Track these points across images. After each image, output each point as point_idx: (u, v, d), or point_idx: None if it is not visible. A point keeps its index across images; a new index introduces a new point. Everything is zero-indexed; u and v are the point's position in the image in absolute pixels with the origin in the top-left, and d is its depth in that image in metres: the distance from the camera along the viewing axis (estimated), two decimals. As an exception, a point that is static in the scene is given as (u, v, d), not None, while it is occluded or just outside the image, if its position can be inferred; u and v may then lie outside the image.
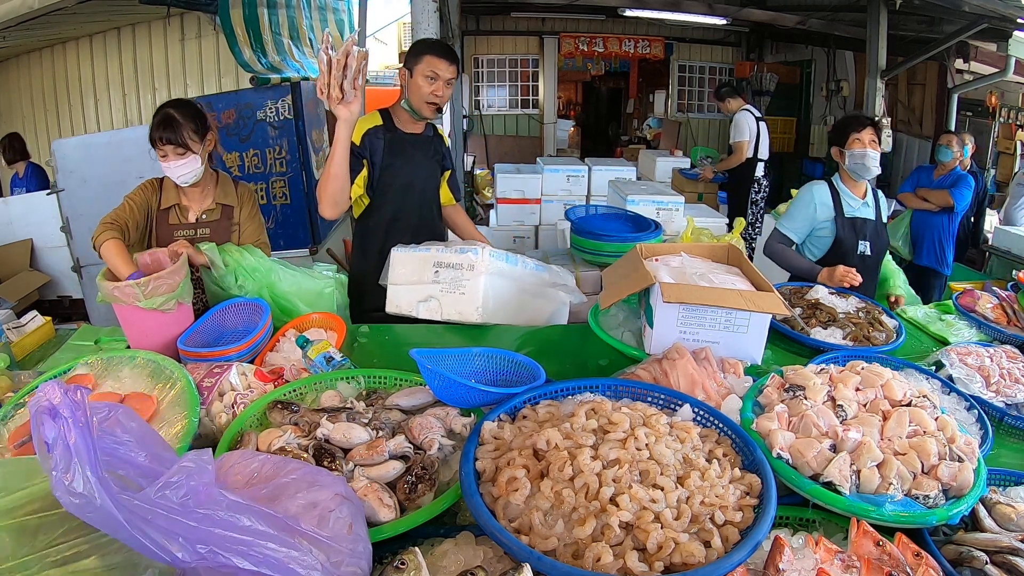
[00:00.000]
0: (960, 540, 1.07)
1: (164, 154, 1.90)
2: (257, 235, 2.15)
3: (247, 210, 2.14)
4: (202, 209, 2.06)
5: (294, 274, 1.98)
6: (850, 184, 2.38)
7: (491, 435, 1.17)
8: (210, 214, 2.07)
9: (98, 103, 4.94)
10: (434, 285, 1.90)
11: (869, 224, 2.37)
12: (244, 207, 2.13)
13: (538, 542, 0.93)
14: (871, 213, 2.39)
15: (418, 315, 1.92)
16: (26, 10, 3.28)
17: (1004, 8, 4.20)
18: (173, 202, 2.02)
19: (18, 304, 3.89)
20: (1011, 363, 1.69)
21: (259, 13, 4.07)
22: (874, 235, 2.37)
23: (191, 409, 1.28)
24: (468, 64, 8.70)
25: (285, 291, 1.94)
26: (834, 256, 2.37)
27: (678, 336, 1.57)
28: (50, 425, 0.68)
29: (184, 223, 2.05)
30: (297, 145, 3.96)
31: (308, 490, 0.89)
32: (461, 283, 1.88)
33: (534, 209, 4.92)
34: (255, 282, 1.92)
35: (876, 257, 2.38)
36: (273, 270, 1.95)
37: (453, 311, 1.88)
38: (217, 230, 2.07)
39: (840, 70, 7.62)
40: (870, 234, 2.36)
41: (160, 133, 1.89)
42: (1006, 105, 5.79)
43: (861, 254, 2.35)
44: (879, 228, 2.39)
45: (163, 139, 1.89)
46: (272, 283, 1.93)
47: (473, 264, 1.87)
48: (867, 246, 2.35)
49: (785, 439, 1.15)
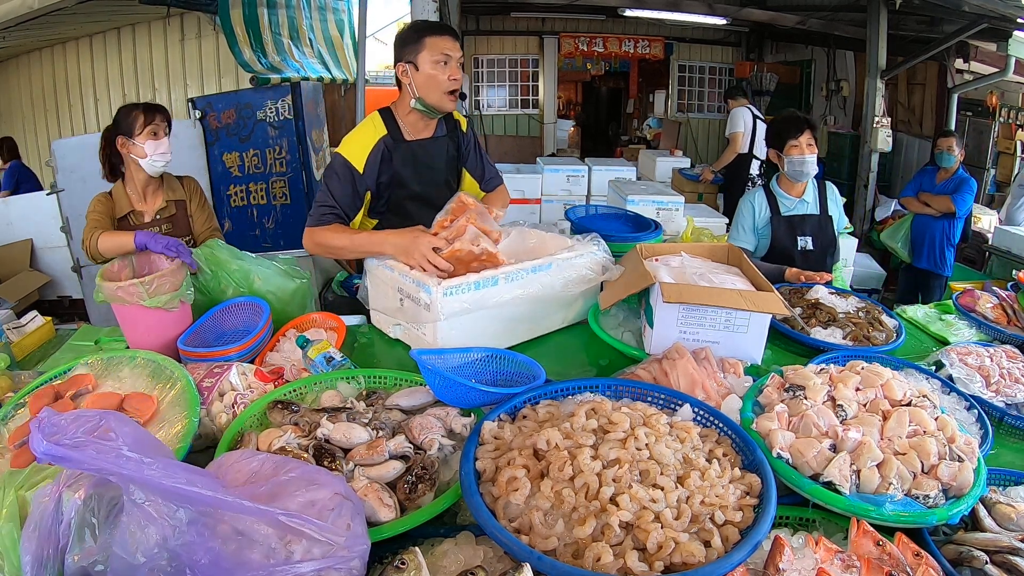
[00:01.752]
0: (960, 540, 1.07)
1: (156, 131, 1.96)
2: (209, 223, 2.22)
3: (197, 200, 2.20)
4: (155, 209, 2.11)
5: (268, 271, 1.99)
6: (787, 186, 2.44)
7: (491, 435, 1.17)
8: (164, 212, 2.11)
9: (98, 103, 4.94)
10: (400, 313, 1.69)
11: (810, 219, 2.42)
12: (194, 198, 2.20)
13: (538, 542, 0.93)
14: (812, 208, 2.43)
15: (394, 336, 1.77)
16: (26, 10, 3.29)
17: (1004, 8, 4.20)
18: (127, 210, 2.07)
19: (18, 304, 3.89)
20: (1011, 363, 1.69)
21: (259, 13, 4.08)
22: (816, 229, 2.41)
23: (191, 409, 1.28)
24: (468, 64, 8.69)
25: (263, 291, 1.95)
26: (775, 254, 2.43)
27: (678, 336, 1.57)
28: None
29: (143, 224, 2.09)
30: (297, 145, 3.96)
31: (307, 489, 0.89)
32: (420, 322, 1.59)
33: (534, 209, 4.92)
34: (235, 284, 1.93)
35: (820, 251, 2.43)
36: (252, 270, 1.96)
37: (421, 346, 1.63)
38: (176, 224, 2.13)
39: (840, 70, 7.62)
40: (811, 229, 2.41)
41: (153, 113, 1.97)
42: (1006, 105, 5.79)
43: (802, 249, 2.41)
44: (823, 222, 2.43)
45: (161, 116, 1.98)
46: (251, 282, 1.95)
47: (428, 304, 1.55)
48: (808, 240, 2.40)
49: (785, 439, 1.15)
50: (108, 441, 0.78)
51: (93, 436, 0.78)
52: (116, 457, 0.75)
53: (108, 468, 0.74)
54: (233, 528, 0.78)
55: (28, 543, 0.83)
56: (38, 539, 0.83)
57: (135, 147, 1.94)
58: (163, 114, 1.99)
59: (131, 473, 0.75)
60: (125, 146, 1.96)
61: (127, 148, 1.96)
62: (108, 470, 0.74)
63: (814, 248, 2.41)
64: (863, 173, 5.51)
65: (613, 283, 1.79)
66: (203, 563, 0.75)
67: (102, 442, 0.77)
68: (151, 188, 2.08)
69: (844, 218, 2.53)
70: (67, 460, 0.74)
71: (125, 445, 0.79)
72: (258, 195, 4.02)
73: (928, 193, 4.07)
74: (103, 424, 0.81)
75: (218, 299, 1.90)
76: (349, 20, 5.58)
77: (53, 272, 4.54)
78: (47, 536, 0.83)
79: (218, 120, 3.85)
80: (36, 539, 0.83)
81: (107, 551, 0.80)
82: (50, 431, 0.75)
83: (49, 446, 0.73)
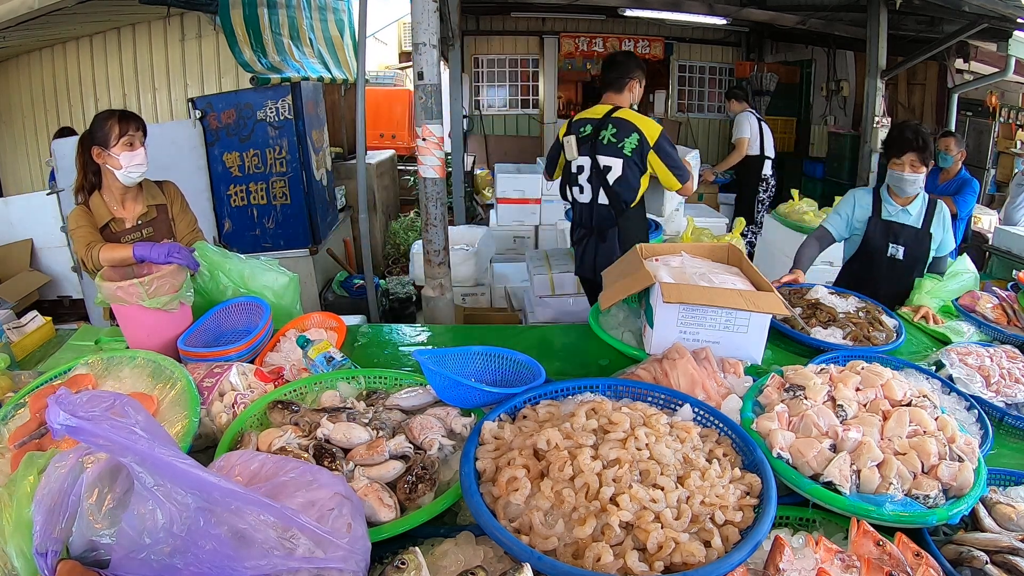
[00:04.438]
0: (960, 540, 1.07)
1: (132, 142, 1.94)
2: (192, 226, 2.21)
3: (178, 204, 2.19)
4: (136, 215, 2.09)
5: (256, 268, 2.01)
6: (893, 193, 2.37)
7: (491, 435, 1.17)
8: (145, 217, 2.10)
9: (98, 103, 4.93)
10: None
11: (907, 230, 2.34)
12: (175, 203, 2.18)
13: (538, 542, 0.93)
14: (913, 221, 2.35)
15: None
16: (26, 10, 3.28)
17: (1004, 8, 4.19)
18: (107, 219, 2.04)
19: (18, 304, 3.89)
20: (1011, 363, 1.69)
21: (259, 13, 4.07)
22: (911, 241, 2.34)
23: (191, 409, 1.28)
24: (468, 64, 8.69)
25: (259, 288, 1.98)
26: (864, 254, 2.41)
27: (678, 336, 1.57)
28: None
29: (126, 229, 2.07)
30: (297, 145, 3.95)
31: (307, 489, 0.89)
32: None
33: (534, 209, 4.92)
34: (234, 283, 1.95)
35: (909, 263, 2.36)
36: (243, 268, 1.98)
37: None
38: (158, 228, 2.12)
39: (840, 70, 7.62)
40: (905, 239, 2.34)
41: (128, 123, 1.94)
42: (1006, 105, 5.79)
43: (891, 256, 2.35)
44: (920, 236, 2.34)
45: (135, 126, 1.95)
46: (246, 280, 1.97)
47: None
48: (900, 250, 2.35)
49: (785, 439, 1.15)
50: (123, 419, 0.79)
51: (109, 413, 0.79)
52: (129, 434, 0.76)
53: (122, 443, 0.75)
54: (237, 520, 0.79)
55: (40, 503, 0.85)
56: (50, 501, 0.85)
57: (110, 158, 1.91)
58: (137, 123, 1.96)
59: (144, 451, 0.76)
60: (101, 156, 1.93)
61: (103, 158, 1.93)
62: (122, 444, 0.75)
63: (904, 259, 2.35)
64: (863, 173, 5.50)
65: (613, 283, 1.79)
66: (207, 549, 0.76)
67: (117, 419, 0.78)
68: (130, 195, 2.06)
69: (950, 243, 2.39)
70: (83, 432, 0.74)
71: (138, 426, 0.80)
72: (258, 195, 4.02)
73: (930, 194, 4.04)
74: (117, 405, 0.82)
75: (217, 299, 1.90)
76: (349, 20, 5.57)
77: (53, 272, 4.53)
78: (60, 499, 0.85)
79: (218, 120, 3.84)
80: (47, 501, 0.85)
81: (116, 525, 0.81)
82: (67, 405, 0.75)
83: (66, 417, 0.73)
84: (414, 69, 2.80)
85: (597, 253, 2.67)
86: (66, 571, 0.81)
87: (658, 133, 2.48)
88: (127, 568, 0.77)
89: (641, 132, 2.48)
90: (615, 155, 2.51)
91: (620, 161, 2.51)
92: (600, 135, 2.53)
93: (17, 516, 0.89)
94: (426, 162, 2.84)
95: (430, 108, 2.79)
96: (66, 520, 0.85)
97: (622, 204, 2.57)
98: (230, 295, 1.93)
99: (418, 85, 2.80)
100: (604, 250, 2.63)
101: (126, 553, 0.77)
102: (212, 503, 0.78)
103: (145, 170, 2.00)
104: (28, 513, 0.88)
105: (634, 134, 2.48)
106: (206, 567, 0.75)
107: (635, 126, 2.48)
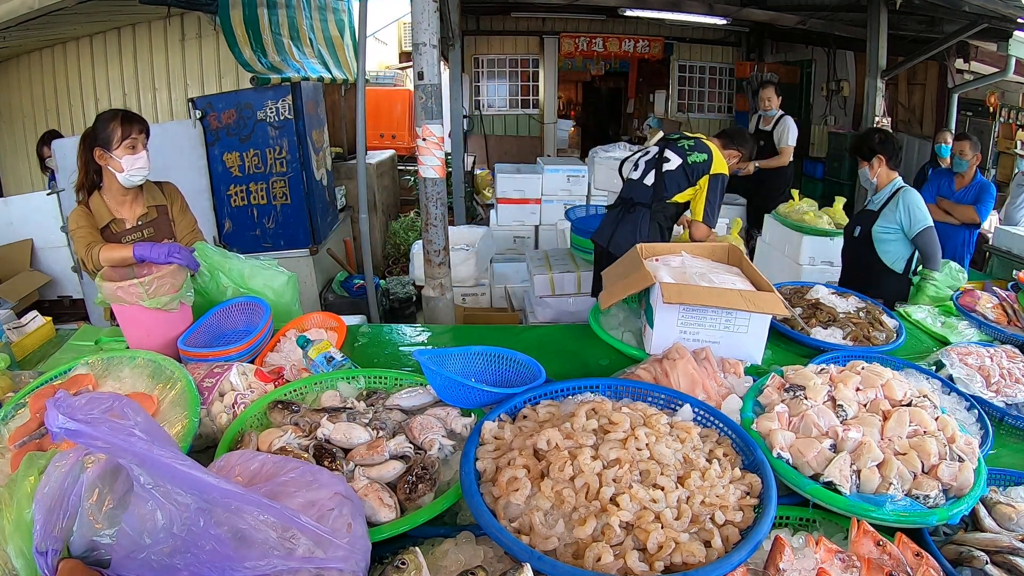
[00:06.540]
0: (960, 540, 1.07)
1: (134, 145, 1.93)
2: (192, 226, 2.21)
3: (178, 205, 2.19)
4: (136, 216, 2.09)
5: (255, 267, 2.03)
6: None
7: (491, 435, 1.17)
8: (145, 217, 2.10)
9: (98, 103, 4.92)
10: None
11: (867, 213, 2.72)
12: (175, 203, 2.18)
13: (538, 542, 0.93)
14: (873, 206, 2.70)
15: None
16: (26, 10, 3.28)
17: (1004, 8, 4.19)
18: (108, 219, 2.03)
19: (18, 304, 3.89)
20: (1011, 363, 1.69)
21: (259, 13, 4.07)
22: (867, 221, 2.68)
23: (192, 409, 1.28)
24: (468, 64, 8.69)
25: (259, 287, 1.98)
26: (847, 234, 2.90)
27: (678, 336, 1.57)
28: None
29: (126, 230, 2.07)
30: (297, 145, 3.95)
31: (307, 489, 0.89)
32: None
33: (534, 209, 4.92)
34: (234, 283, 1.95)
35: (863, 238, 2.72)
36: (243, 268, 1.99)
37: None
38: (159, 228, 2.12)
39: (840, 70, 7.62)
40: (863, 220, 2.72)
41: (131, 125, 1.93)
42: (1006, 105, 5.79)
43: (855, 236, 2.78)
44: (873, 217, 2.68)
45: (138, 128, 1.94)
46: (245, 280, 1.98)
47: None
48: (858, 229, 2.74)
49: (785, 439, 1.15)
50: (122, 421, 0.79)
51: (108, 416, 0.78)
52: (128, 436, 0.76)
53: (121, 445, 0.75)
54: (237, 520, 0.79)
55: (40, 503, 0.85)
56: (50, 501, 0.85)
57: (112, 160, 1.91)
58: (141, 125, 1.95)
59: (143, 452, 0.75)
60: (103, 158, 1.93)
61: (104, 160, 1.93)
62: (121, 446, 0.75)
63: (859, 236, 2.74)
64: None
65: (613, 283, 1.79)
66: (207, 550, 0.76)
67: (116, 421, 0.78)
68: (131, 195, 2.06)
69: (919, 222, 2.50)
70: (82, 435, 0.74)
71: (137, 428, 0.80)
72: (258, 195, 4.02)
73: (947, 200, 3.89)
74: (116, 406, 0.82)
75: (217, 299, 1.90)
76: (349, 20, 5.57)
77: (53, 272, 4.53)
78: (60, 498, 0.85)
79: (218, 120, 3.84)
80: (47, 501, 0.85)
81: (116, 525, 0.81)
82: (66, 408, 0.75)
83: (65, 420, 0.73)
84: (414, 69, 2.81)
85: (619, 223, 2.83)
86: (67, 570, 0.81)
87: (722, 171, 2.68)
88: (127, 568, 0.77)
89: (712, 158, 2.68)
90: (680, 156, 2.72)
91: (680, 161, 2.71)
92: (680, 141, 2.78)
93: (17, 516, 0.89)
94: (426, 162, 2.84)
95: (430, 108, 2.79)
96: (66, 520, 0.85)
97: (663, 192, 2.74)
98: (230, 295, 1.93)
99: (418, 85, 2.80)
100: (628, 221, 2.80)
101: (126, 553, 0.78)
102: (212, 503, 0.78)
103: (147, 173, 1.99)
104: (28, 513, 0.88)
105: (705, 156, 2.68)
106: (206, 567, 0.76)
107: (711, 152, 2.70)
